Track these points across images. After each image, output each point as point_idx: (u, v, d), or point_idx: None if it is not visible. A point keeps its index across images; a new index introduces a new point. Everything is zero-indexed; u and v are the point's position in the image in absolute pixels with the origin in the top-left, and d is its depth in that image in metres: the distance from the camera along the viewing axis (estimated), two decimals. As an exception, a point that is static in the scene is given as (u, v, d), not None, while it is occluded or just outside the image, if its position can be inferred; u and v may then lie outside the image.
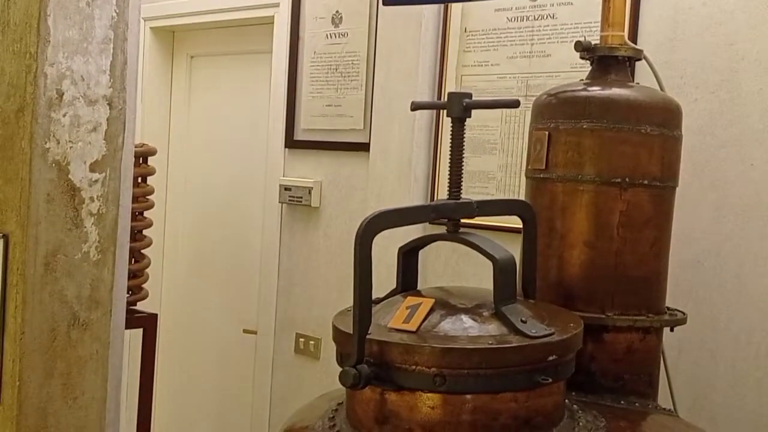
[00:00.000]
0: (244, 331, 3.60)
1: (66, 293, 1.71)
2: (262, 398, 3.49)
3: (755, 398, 2.14)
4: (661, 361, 1.84)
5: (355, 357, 1.40)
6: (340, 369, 1.42)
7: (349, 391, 1.54)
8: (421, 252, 1.68)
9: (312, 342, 3.30)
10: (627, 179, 1.71)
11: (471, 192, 2.60)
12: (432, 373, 1.39)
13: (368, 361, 1.41)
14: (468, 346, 1.39)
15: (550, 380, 1.42)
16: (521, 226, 1.70)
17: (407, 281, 1.66)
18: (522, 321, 1.45)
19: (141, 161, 2.87)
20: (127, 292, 2.79)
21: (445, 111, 1.59)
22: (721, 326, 2.19)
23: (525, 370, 1.40)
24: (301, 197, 3.24)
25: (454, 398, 1.40)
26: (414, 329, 1.45)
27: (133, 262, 2.87)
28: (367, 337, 1.42)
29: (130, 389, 3.53)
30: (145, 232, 2.94)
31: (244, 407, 3.61)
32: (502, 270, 1.47)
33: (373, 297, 1.47)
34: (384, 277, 1.79)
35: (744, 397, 2.16)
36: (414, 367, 1.39)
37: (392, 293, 1.64)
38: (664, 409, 1.77)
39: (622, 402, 1.70)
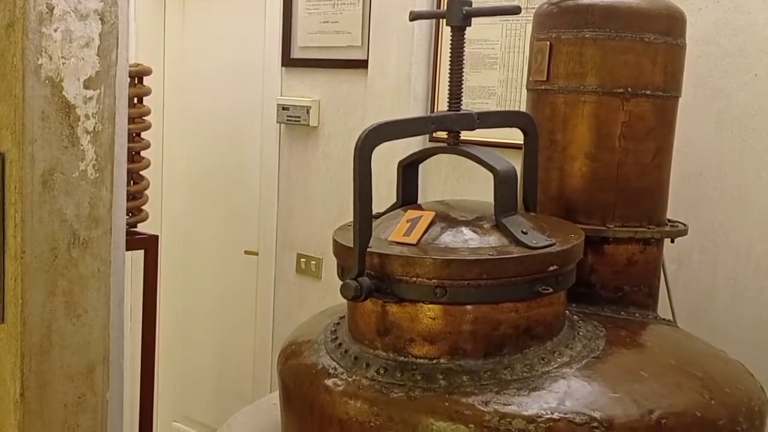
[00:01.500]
0: (245, 252, 3.61)
1: (65, 212, 1.71)
2: (264, 318, 3.53)
3: (755, 310, 2.16)
4: (662, 273, 1.84)
5: (356, 270, 1.40)
6: (342, 283, 1.42)
7: (351, 304, 1.55)
8: (420, 172, 1.67)
9: (313, 262, 3.32)
10: (629, 89, 1.68)
11: (471, 108, 2.56)
12: (433, 284, 1.39)
13: (369, 274, 1.42)
14: (469, 258, 1.38)
15: (551, 290, 1.42)
16: (522, 142, 1.68)
17: (407, 195, 1.65)
18: (523, 232, 1.44)
19: (136, 81, 2.83)
20: (127, 214, 2.79)
21: (444, 25, 1.56)
22: (721, 238, 2.19)
23: (525, 281, 1.40)
24: (299, 116, 3.21)
25: (455, 309, 1.41)
26: (414, 242, 1.44)
27: (131, 183, 2.86)
28: (368, 250, 1.42)
29: (134, 312, 3.56)
30: (143, 153, 2.92)
31: (247, 327, 3.65)
32: (503, 181, 1.46)
33: (374, 213, 1.47)
34: (384, 194, 1.78)
35: (743, 308, 2.17)
36: (415, 279, 1.40)
37: (392, 208, 1.64)
38: (664, 319, 1.79)
39: (622, 313, 1.71)
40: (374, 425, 1.39)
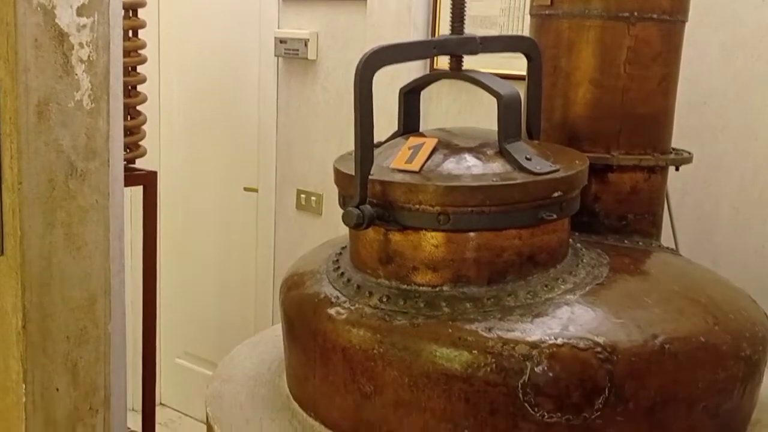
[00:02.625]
0: (245, 189, 3.60)
1: (61, 143, 1.68)
2: (265, 255, 3.53)
3: (758, 239, 2.15)
4: (665, 203, 1.82)
5: (358, 197, 1.38)
6: (343, 211, 1.41)
7: (353, 233, 1.53)
8: (422, 103, 1.64)
9: (313, 198, 3.30)
10: (635, 13, 1.64)
11: (472, 38, 2.52)
12: (436, 211, 1.37)
13: (371, 202, 1.40)
14: (472, 184, 1.37)
15: (555, 217, 1.41)
16: (524, 72, 1.65)
17: (409, 123, 1.62)
18: (527, 158, 1.42)
19: (131, 14, 2.78)
20: (125, 150, 2.77)
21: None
22: (725, 168, 2.17)
23: (529, 207, 1.39)
24: (297, 50, 3.16)
25: (458, 236, 1.40)
26: (417, 169, 1.42)
27: (128, 119, 2.82)
28: (370, 177, 1.40)
29: (134, 250, 3.56)
30: (139, 88, 2.88)
31: (248, 265, 3.65)
32: (507, 106, 1.44)
33: (375, 142, 1.45)
34: (385, 125, 1.75)
35: (747, 238, 2.16)
36: (417, 206, 1.38)
37: (394, 136, 1.61)
38: (667, 248, 1.78)
39: (626, 241, 1.70)
40: (377, 353, 1.39)
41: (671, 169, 1.79)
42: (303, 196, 3.33)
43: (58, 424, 1.77)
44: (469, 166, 1.42)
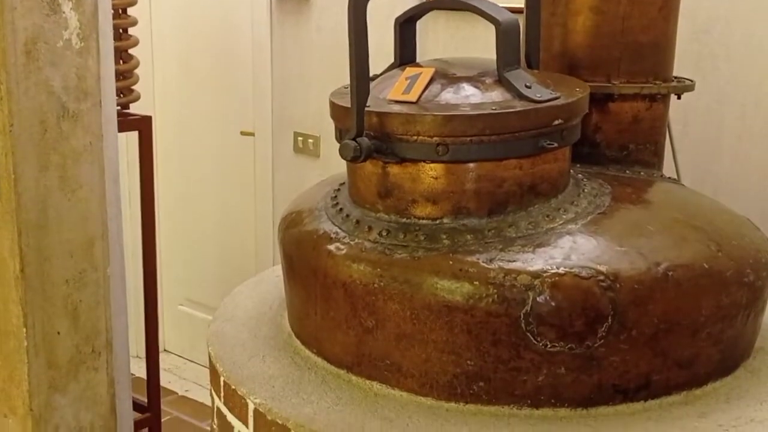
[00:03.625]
0: (241, 133, 3.56)
1: (52, 83, 1.65)
2: (264, 199, 3.51)
3: (760, 168, 2.13)
4: (667, 133, 1.80)
5: (355, 130, 1.36)
6: (340, 144, 1.39)
7: (350, 168, 1.51)
8: (418, 39, 1.60)
9: (311, 140, 3.27)
10: (636, -63, 1.60)
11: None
12: (434, 142, 1.35)
13: (368, 135, 1.38)
14: (471, 113, 1.34)
15: (556, 145, 1.39)
16: (522, 5, 1.61)
17: (405, 54, 1.59)
18: (526, 86, 1.39)
19: (118, -46, 2.71)
20: (118, 95, 2.73)
21: None
22: (727, 98, 2.14)
23: (530, 136, 1.37)
24: (291, -11, 3.09)
25: (458, 167, 1.38)
26: (414, 99, 1.40)
27: (120, 62, 2.78)
28: (366, 109, 1.37)
29: (132, 199, 3.54)
30: (130, 31, 2.83)
31: (247, 209, 3.63)
32: (506, 33, 1.40)
33: (371, 75, 1.42)
34: (383, 64, 1.71)
35: (748, 169, 2.14)
36: (415, 137, 1.36)
37: (390, 68, 1.58)
38: (669, 178, 1.76)
39: (628, 172, 1.68)
40: (378, 287, 1.38)
41: (673, 98, 1.76)
42: (300, 138, 3.30)
43: (60, 368, 1.77)
44: (467, 96, 1.40)
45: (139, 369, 3.41)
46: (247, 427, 1.44)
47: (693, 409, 1.35)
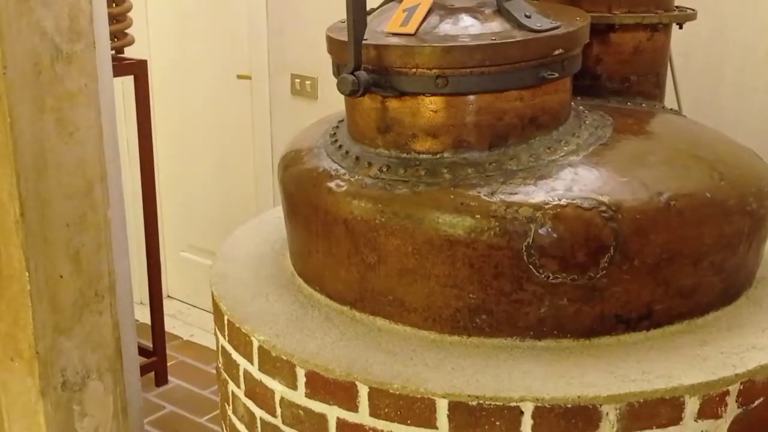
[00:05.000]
0: (238, 76, 3.52)
1: (44, 24, 1.62)
2: (262, 142, 3.49)
3: (762, 101, 2.11)
4: (669, 64, 1.78)
5: (353, 63, 1.34)
6: (338, 79, 1.37)
7: (349, 104, 1.50)
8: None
9: (308, 82, 3.23)
10: None
11: None
12: (433, 74, 1.33)
13: (366, 69, 1.36)
14: (470, 44, 1.32)
15: (556, 75, 1.37)
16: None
17: (402, -13, 1.56)
18: (526, 16, 1.37)
19: None
20: (112, 39, 2.70)
21: None
22: (730, 30, 2.11)
23: (530, 66, 1.35)
24: (284, -73, 3.03)
25: (458, 100, 1.36)
26: (412, 31, 1.37)
27: (113, 5, 2.74)
28: (363, 42, 1.35)
29: (130, 145, 3.52)
30: (122, -25, 2.78)
31: (246, 153, 3.61)
32: (504, -39, 1.37)
33: (368, 9, 1.40)
34: None
35: (751, 98, 2.12)
36: (414, 70, 1.34)
37: (387, 1, 1.55)
38: (671, 109, 1.74)
39: (629, 103, 1.66)
40: (379, 223, 1.37)
41: (674, 28, 1.73)
42: (297, 80, 3.26)
43: (64, 311, 1.78)
44: (466, 26, 1.37)
45: (144, 316, 3.43)
46: (252, 363, 1.45)
47: (695, 338, 1.36)
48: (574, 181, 1.33)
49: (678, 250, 1.33)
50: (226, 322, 1.53)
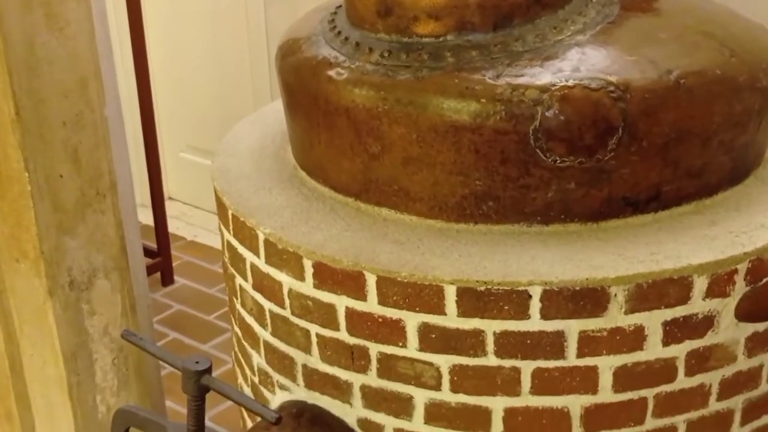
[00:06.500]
0: (230, -31, 3.42)
1: None
2: (257, 38, 3.42)
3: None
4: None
5: (350, -56, 1.29)
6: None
7: (347, -12, 1.45)
8: None
9: (303, -28, 3.14)
10: None
11: None
12: (434, -48, 1.28)
13: (364, -51, 1.31)
14: None
15: (563, -50, 1.32)
16: None
17: None
18: None
19: None
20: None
21: None
22: None
23: (535, -59, 1.29)
24: None
25: (460, -21, 1.31)
26: None
27: None
28: None
29: (123, 47, 3.45)
30: None
31: (241, 49, 3.54)
32: None
33: None
34: None
35: None
36: (414, -54, 1.29)
37: None
38: (679, -13, 1.68)
39: (635, -18, 1.60)
40: (382, 110, 1.35)
41: None
42: (292, -31, 3.17)
43: (67, 211, 1.76)
44: None
45: (146, 218, 3.43)
46: (258, 257, 1.45)
47: (703, 218, 1.35)
48: (581, 61, 1.30)
49: (687, 130, 1.31)
50: (230, 217, 1.52)
